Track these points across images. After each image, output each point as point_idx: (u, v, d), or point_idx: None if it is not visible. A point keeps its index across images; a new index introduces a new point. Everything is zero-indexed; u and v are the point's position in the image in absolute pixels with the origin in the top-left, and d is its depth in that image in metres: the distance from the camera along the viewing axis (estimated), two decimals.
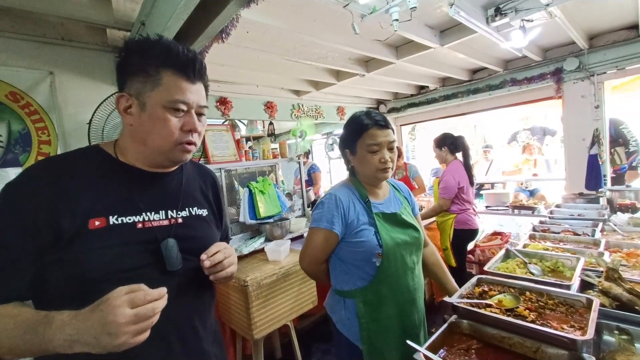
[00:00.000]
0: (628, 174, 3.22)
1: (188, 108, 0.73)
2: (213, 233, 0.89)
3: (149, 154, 0.75)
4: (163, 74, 0.70)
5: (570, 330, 0.89)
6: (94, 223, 0.67)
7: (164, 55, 0.70)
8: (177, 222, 0.79)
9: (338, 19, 2.08)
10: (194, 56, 0.74)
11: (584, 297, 1.01)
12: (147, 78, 0.70)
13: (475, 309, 1.02)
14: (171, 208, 0.79)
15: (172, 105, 0.71)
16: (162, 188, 0.80)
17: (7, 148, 1.64)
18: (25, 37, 1.69)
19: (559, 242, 1.74)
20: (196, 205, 0.86)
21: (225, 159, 2.47)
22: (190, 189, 0.87)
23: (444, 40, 2.44)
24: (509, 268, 1.36)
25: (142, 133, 0.73)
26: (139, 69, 0.70)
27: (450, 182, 2.62)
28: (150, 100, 0.70)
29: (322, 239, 1.13)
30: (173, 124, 0.71)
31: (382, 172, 1.13)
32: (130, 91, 0.71)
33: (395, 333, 1.12)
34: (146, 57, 0.70)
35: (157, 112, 0.70)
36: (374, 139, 1.11)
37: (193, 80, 0.74)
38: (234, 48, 2.19)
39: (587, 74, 2.95)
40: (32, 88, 1.72)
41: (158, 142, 0.73)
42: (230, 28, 1.41)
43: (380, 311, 1.11)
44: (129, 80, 0.71)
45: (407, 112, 4.60)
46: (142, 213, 0.73)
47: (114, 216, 0.70)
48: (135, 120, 0.72)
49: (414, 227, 1.19)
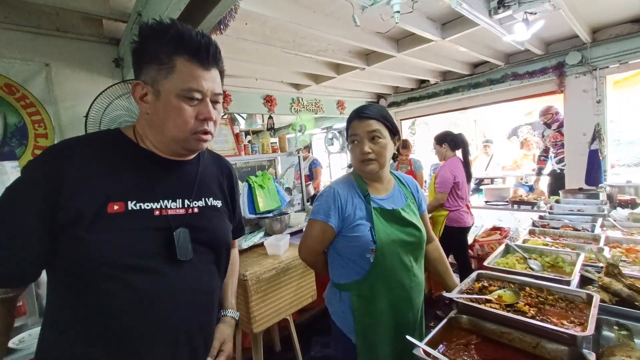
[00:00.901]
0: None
1: (203, 96, 0.72)
2: (226, 225, 0.89)
3: (166, 142, 0.75)
4: (176, 61, 0.68)
5: (570, 325, 0.88)
6: (113, 207, 0.67)
7: (176, 41, 0.68)
8: (193, 212, 0.78)
9: (338, 10, 2.05)
10: (208, 41, 0.72)
11: (584, 292, 1.01)
12: (161, 65, 0.68)
13: (475, 304, 1.01)
14: (188, 197, 0.78)
15: (186, 94, 0.69)
16: (179, 176, 0.79)
17: (3, 141, 1.63)
18: (20, 28, 1.66)
19: (558, 237, 1.74)
20: (212, 195, 0.85)
21: (224, 153, 2.45)
22: (207, 179, 0.86)
23: (446, 33, 2.41)
24: (508, 263, 1.36)
25: (158, 121, 0.72)
26: (152, 56, 0.68)
27: (446, 176, 2.65)
28: (164, 88, 0.68)
29: (318, 231, 1.13)
30: (188, 113, 0.70)
31: (363, 164, 1.11)
32: (146, 79, 0.69)
33: (388, 329, 1.12)
34: (159, 43, 0.68)
35: (172, 101, 0.69)
36: (353, 130, 1.12)
37: (207, 67, 0.72)
38: (233, 40, 2.16)
39: (590, 68, 2.92)
40: (28, 80, 1.70)
41: (174, 131, 0.72)
42: (229, 19, 1.38)
43: (374, 306, 1.11)
44: (145, 67, 0.70)
45: (408, 107, 4.57)
46: (159, 200, 0.73)
47: (133, 201, 0.69)
48: (151, 109, 0.71)
49: (414, 225, 1.17)
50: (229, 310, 0.97)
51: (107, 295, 0.66)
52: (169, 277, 0.71)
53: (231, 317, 0.96)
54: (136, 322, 0.68)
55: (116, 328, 0.67)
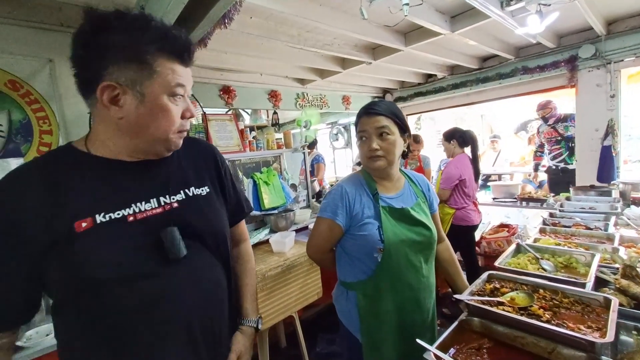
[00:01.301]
0: None
1: (184, 94, 0.71)
2: (215, 212, 0.84)
3: (139, 145, 0.70)
4: (160, 61, 0.65)
5: (587, 331, 0.85)
6: (81, 225, 0.63)
7: (160, 41, 0.64)
8: (172, 207, 0.74)
9: (345, 3, 2.00)
10: (188, 39, 0.70)
11: (602, 296, 0.97)
12: (143, 66, 0.63)
13: (487, 307, 0.99)
14: (162, 194, 0.74)
15: (173, 92, 0.67)
16: (149, 175, 0.75)
17: (8, 138, 1.62)
18: (23, 23, 1.64)
19: (570, 236, 1.70)
20: (192, 184, 0.81)
21: (229, 149, 2.43)
22: (183, 169, 0.81)
23: (455, 26, 2.35)
24: (520, 264, 1.32)
25: (139, 126, 0.67)
26: (130, 54, 0.62)
27: (451, 173, 2.62)
28: (150, 90, 0.65)
29: (326, 228, 1.13)
30: (175, 112, 0.69)
31: (370, 160, 1.10)
32: (119, 80, 0.63)
33: (393, 329, 1.10)
34: (140, 42, 0.63)
35: (160, 103, 0.66)
36: (362, 126, 1.11)
37: (187, 64, 0.71)
38: (237, 34, 2.12)
39: (604, 62, 2.83)
40: (32, 76, 1.69)
41: (158, 132, 0.69)
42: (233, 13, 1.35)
43: (379, 305, 1.10)
44: (114, 66, 0.62)
45: (414, 102, 4.50)
46: (130, 205, 0.69)
47: (101, 214, 0.65)
48: (128, 113, 0.65)
49: (424, 224, 1.14)
50: (247, 318, 0.91)
51: (106, 313, 0.64)
52: (165, 279, 0.68)
53: (249, 326, 0.91)
54: (144, 331, 0.66)
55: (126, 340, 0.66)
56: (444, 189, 2.65)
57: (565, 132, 3.57)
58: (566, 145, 3.59)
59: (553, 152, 3.73)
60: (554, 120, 3.61)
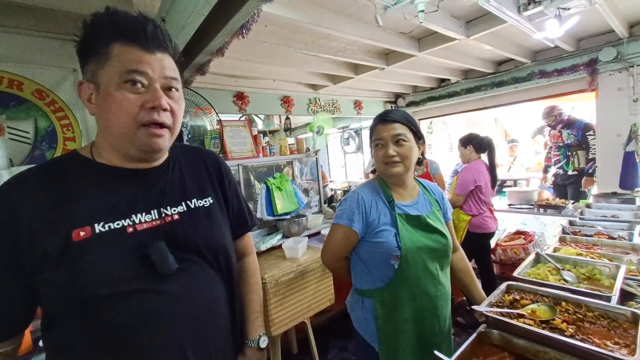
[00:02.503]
0: (585, 180, 3.37)
1: (149, 82, 0.63)
2: (217, 225, 0.80)
3: (119, 146, 0.67)
4: (112, 47, 0.62)
5: (614, 347, 0.82)
6: (79, 234, 0.60)
7: (110, 26, 0.62)
8: (173, 219, 0.71)
9: (359, 10, 2.01)
10: (145, 20, 0.64)
11: (629, 310, 0.93)
12: (98, 56, 0.62)
13: (507, 319, 0.96)
14: (164, 205, 0.71)
15: (125, 77, 0.61)
16: (149, 185, 0.72)
17: (34, 145, 1.68)
18: (48, 35, 1.71)
19: (592, 245, 1.64)
20: (195, 196, 0.78)
21: (243, 155, 2.46)
22: (185, 180, 0.78)
23: (470, 31, 2.32)
24: (540, 274, 1.29)
25: (103, 120, 0.65)
26: (89, 48, 0.63)
27: (467, 179, 2.57)
28: (103, 79, 0.62)
29: (341, 235, 1.12)
30: (130, 101, 0.62)
31: (387, 166, 1.10)
32: (87, 76, 0.63)
33: (411, 338, 1.09)
34: (94, 33, 0.62)
35: (111, 91, 0.61)
36: (378, 134, 1.12)
37: (149, 49, 0.64)
38: (253, 42, 2.16)
39: (626, 65, 2.74)
40: (57, 85, 1.75)
41: (117, 127, 0.63)
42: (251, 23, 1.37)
43: (397, 314, 1.08)
44: (86, 64, 0.64)
45: (427, 106, 4.46)
46: (130, 215, 0.66)
47: (100, 223, 0.63)
48: (95, 108, 0.64)
49: (441, 232, 1.13)
50: (249, 338, 0.87)
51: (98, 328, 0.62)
52: (159, 295, 0.66)
53: (250, 347, 0.85)
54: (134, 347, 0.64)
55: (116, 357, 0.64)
56: (459, 195, 2.61)
57: (567, 139, 3.57)
58: (564, 153, 3.62)
59: (554, 158, 3.76)
60: (561, 126, 3.59)
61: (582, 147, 3.42)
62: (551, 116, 3.58)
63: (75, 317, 0.62)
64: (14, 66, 1.62)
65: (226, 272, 0.81)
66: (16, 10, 1.58)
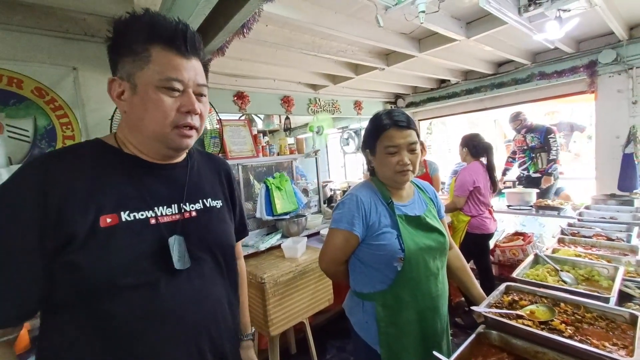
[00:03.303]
0: (544, 178, 3.62)
1: (184, 87, 0.67)
2: (228, 226, 0.85)
3: (147, 142, 0.70)
4: (151, 50, 0.63)
5: (613, 348, 0.82)
6: (106, 220, 0.62)
7: (149, 29, 0.64)
8: (190, 216, 0.75)
9: (360, 11, 2.01)
10: (185, 27, 0.67)
11: (627, 312, 0.94)
12: (136, 57, 0.63)
13: (506, 320, 0.96)
14: (183, 201, 0.74)
15: (165, 84, 0.64)
16: (171, 180, 0.75)
17: (33, 143, 1.68)
18: (49, 33, 1.71)
19: (591, 247, 1.64)
20: (210, 196, 0.81)
21: (243, 155, 2.46)
22: (202, 180, 0.82)
23: (471, 32, 2.33)
24: (539, 275, 1.29)
25: (136, 119, 0.66)
26: (126, 48, 0.64)
27: (465, 180, 2.57)
28: (141, 81, 0.64)
29: (342, 240, 1.10)
30: (167, 104, 0.65)
31: (400, 174, 1.08)
32: (121, 74, 0.65)
33: (415, 339, 1.09)
34: (132, 33, 0.64)
35: (149, 93, 0.64)
36: (391, 140, 1.06)
37: (186, 55, 0.67)
38: (253, 42, 2.16)
39: (625, 67, 2.75)
40: (57, 84, 1.75)
41: (152, 126, 0.66)
42: (252, 23, 1.37)
43: (400, 316, 1.08)
44: (120, 63, 0.65)
45: (426, 107, 4.46)
46: (153, 208, 0.68)
47: (126, 212, 0.65)
48: (128, 106, 0.66)
49: (439, 231, 1.14)
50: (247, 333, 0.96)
51: (108, 318, 0.62)
52: (171, 289, 0.67)
53: (249, 339, 0.95)
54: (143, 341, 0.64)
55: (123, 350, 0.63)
56: (459, 196, 2.61)
57: (530, 142, 3.77)
58: (529, 155, 3.80)
59: (519, 160, 3.94)
60: (525, 130, 3.80)
61: (544, 149, 3.67)
62: (517, 120, 3.81)
63: (83, 308, 0.61)
64: (14, 64, 1.62)
65: (232, 273, 0.85)
66: (16, 7, 1.57)
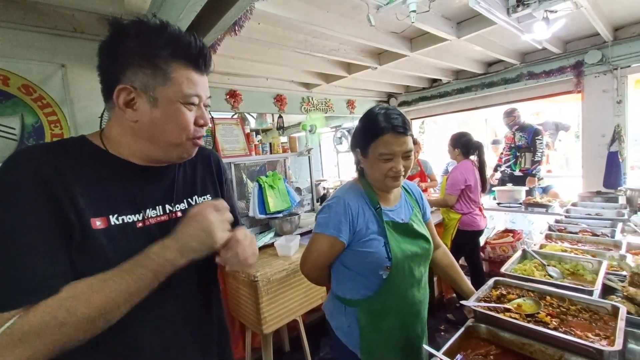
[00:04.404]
0: (528, 179, 3.67)
1: (199, 101, 0.70)
2: None
3: (153, 151, 0.70)
4: (174, 67, 0.64)
5: (595, 339, 0.85)
6: (96, 223, 0.61)
7: (174, 46, 0.64)
8: (176, 217, 0.74)
9: (352, 10, 2.02)
10: (204, 46, 0.69)
11: (609, 304, 0.97)
12: (156, 71, 0.63)
13: (494, 314, 0.99)
14: (169, 202, 0.74)
15: (187, 100, 0.67)
16: (158, 182, 0.74)
17: (20, 141, 1.65)
18: (37, 29, 1.68)
19: (577, 242, 1.69)
20: (196, 193, 0.81)
21: (236, 153, 2.45)
22: (189, 177, 0.81)
23: (461, 32, 2.36)
24: (526, 270, 1.32)
25: (152, 130, 0.67)
26: (144, 59, 0.63)
27: (457, 178, 2.62)
28: (163, 95, 0.65)
29: (327, 246, 1.05)
30: (189, 119, 0.68)
31: (391, 180, 1.04)
32: (135, 84, 0.64)
33: (397, 344, 1.09)
34: (153, 46, 0.63)
35: (173, 108, 0.66)
36: (388, 147, 1.00)
37: (203, 73, 0.70)
38: (245, 40, 2.15)
39: (610, 68, 2.83)
40: (45, 81, 1.72)
41: (172, 138, 0.68)
42: (244, 20, 1.37)
43: (383, 322, 1.06)
44: (130, 71, 0.63)
45: (419, 106, 4.51)
46: (140, 211, 0.68)
47: (114, 215, 0.64)
48: (142, 117, 0.65)
49: (424, 237, 1.12)
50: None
51: None
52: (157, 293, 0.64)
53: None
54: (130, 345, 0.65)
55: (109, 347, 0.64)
56: (451, 194, 2.65)
57: (518, 140, 3.83)
58: (514, 154, 3.87)
59: (505, 157, 4.00)
60: (516, 128, 3.84)
61: (529, 149, 3.73)
62: (511, 116, 3.82)
63: None
64: (0, 60, 1.58)
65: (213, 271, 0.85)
66: (2, 3, 1.54)
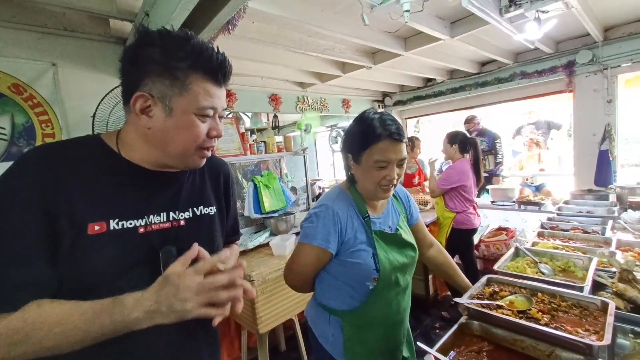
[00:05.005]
0: (494, 179, 3.96)
1: (214, 112, 0.70)
2: (217, 233, 0.83)
3: (163, 157, 0.70)
4: (193, 78, 0.65)
5: (585, 334, 0.87)
6: (93, 228, 0.61)
7: (194, 58, 0.64)
8: (179, 225, 0.74)
9: (346, 9, 2.02)
10: (225, 59, 0.69)
11: (599, 299, 0.99)
12: (174, 81, 0.64)
13: (486, 310, 1.00)
14: (173, 209, 0.74)
15: (202, 112, 0.67)
16: (165, 188, 0.74)
17: (10, 141, 1.63)
18: (27, 27, 1.66)
19: (568, 240, 1.72)
20: (202, 203, 0.80)
21: (230, 153, 2.45)
22: (197, 187, 0.81)
23: (455, 31, 2.37)
24: (519, 267, 1.34)
25: (164, 138, 0.67)
26: (164, 69, 0.63)
27: (451, 177, 2.67)
28: (178, 106, 0.65)
29: (314, 257, 1.01)
30: (202, 130, 0.68)
31: (383, 190, 1.01)
32: (152, 92, 0.64)
33: (381, 353, 1.08)
34: (173, 57, 0.63)
35: (187, 119, 0.66)
36: (383, 154, 0.96)
37: (221, 85, 0.70)
38: (239, 39, 2.14)
39: (601, 67, 2.86)
40: (35, 80, 1.70)
41: (181, 147, 0.68)
42: (237, 19, 1.36)
43: (368, 334, 1.05)
44: (149, 79, 0.64)
45: (413, 105, 4.52)
46: (144, 216, 0.68)
47: (115, 220, 0.64)
48: (156, 124, 0.66)
49: (412, 245, 1.12)
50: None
51: None
52: None
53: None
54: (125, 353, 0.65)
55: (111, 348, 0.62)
56: (440, 188, 2.71)
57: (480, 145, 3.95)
58: None
59: None
60: (476, 134, 4.01)
61: (491, 152, 4.02)
62: (471, 123, 4.06)
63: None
64: None
65: None
66: None
